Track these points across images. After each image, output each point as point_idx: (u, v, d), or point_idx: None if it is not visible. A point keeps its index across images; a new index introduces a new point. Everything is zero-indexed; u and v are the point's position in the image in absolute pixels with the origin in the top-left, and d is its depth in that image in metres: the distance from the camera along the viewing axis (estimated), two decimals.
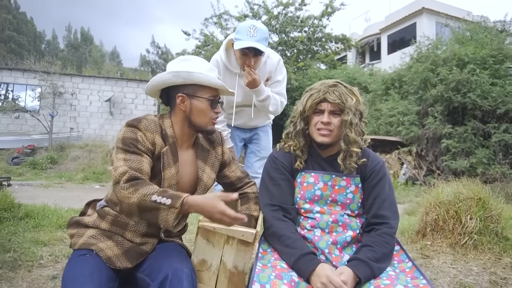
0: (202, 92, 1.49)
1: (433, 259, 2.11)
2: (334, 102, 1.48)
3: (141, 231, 1.48)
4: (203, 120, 1.50)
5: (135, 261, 1.41)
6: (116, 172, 1.30)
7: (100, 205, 1.51)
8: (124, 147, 1.36)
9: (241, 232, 1.38)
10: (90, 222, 1.48)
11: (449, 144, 8.37)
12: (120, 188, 1.27)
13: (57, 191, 8.05)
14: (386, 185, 1.55)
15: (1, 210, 2.61)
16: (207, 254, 1.41)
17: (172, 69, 1.48)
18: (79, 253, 1.37)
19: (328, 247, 1.49)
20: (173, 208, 1.23)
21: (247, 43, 2.07)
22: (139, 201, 1.25)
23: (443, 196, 2.43)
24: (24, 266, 1.86)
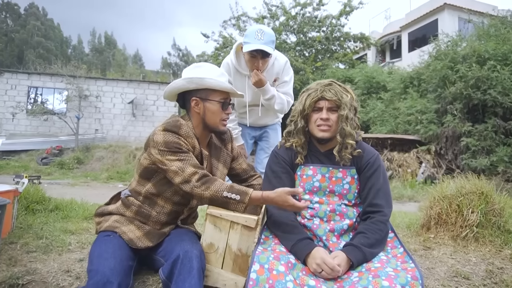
0: (213, 96, 1.68)
1: (434, 250, 2.19)
2: (332, 99, 1.62)
3: (162, 221, 1.68)
4: (215, 121, 1.69)
5: (155, 241, 1.61)
6: (184, 173, 1.51)
7: (124, 194, 1.71)
8: (171, 150, 1.55)
9: (245, 218, 1.54)
10: (114, 210, 1.68)
11: (469, 142, 8.24)
12: (192, 186, 1.50)
13: (83, 189, 8.45)
14: (381, 176, 1.68)
15: (34, 203, 2.87)
16: (214, 238, 1.58)
17: (186, 76, 1.68)
18: (104, 234, 1.58)
19: (326, 234, 1.63)
20: (241, 203, 1.49)
21: (255, 46, 2.23)
22: (211, 197, 1.49)
23: (446, 190, 2.50)
24: (55, 250, 2.08)
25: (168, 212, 1.68)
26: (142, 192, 1.66)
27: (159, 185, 1.65)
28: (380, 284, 1.28)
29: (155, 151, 1.55)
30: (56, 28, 54.29)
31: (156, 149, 1.55)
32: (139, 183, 1.68)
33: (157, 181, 1.65)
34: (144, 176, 1.66)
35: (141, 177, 1.67)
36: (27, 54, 42.54)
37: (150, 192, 1.65)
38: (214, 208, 1.57)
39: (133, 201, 1.67)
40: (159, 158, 1.55)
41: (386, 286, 1.27)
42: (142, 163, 1.65)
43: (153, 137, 1.58)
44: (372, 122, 11.32)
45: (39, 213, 2.83)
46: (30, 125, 16.09)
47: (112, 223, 1.62)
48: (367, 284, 1.31)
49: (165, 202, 1.67)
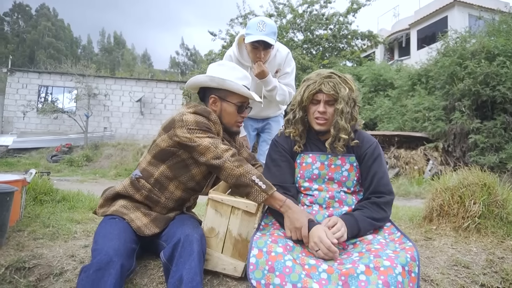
0: (232, 98, 1.73)
1: (435, 240, 2.19)
2: (329, 93, 1.63)
3: (169, 207, 1.71)
4: (230, 121, 1.75)
5: (162, 226, 1.65)
6: (217, 149, 1.53)
7: (135, 174, 1.70)
8: (202, 128, 1.57)
9: (245, 204, 1.57)
10: (121, 190, 1.68)
11: (477, 139, 8.14)
12: (225, 160, 1.52)
13: (92, 185, 8.57)
14: (382, 165, 1.70)
15: (42, 194, 2.94)
16: (215, 223, 1.61)
17: (210, 73, 1.73)
18: (109, 217, 1.62)
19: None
20: (264, 193, 1.50)
21: (256, 37, 2.26)
22: (241, 175, 1.51)
23: (449, 182, 2.49)
24: (61, 237, 2.13)
25: (176, 198, 1.71)
26: (155, 174, 1.66)
27: (175, 168, 1.66)
28: (381, 263, 1.30)
29: (183, 130, 1.56)
30: (66, 29, 55.05)
31: (184, 128, 1.56)
32: (152, 164, 1.67)
33: (173, 164, 1.65)
34: (159, 158, 1.66)
35: (155, 158, 1.67)
36: (38, 54, 43.24)
37: (165, 174, 1.66)
38: (216, 193, 1.60)
39: (144, 184, 1.67)
40: (188, 136, 1.55)
41: (388, 265, 1.29)
42: (159, 144, 1.64)
43: (181, 117, 1.59)
44: (379, 119, 11.25)
45: (47, 203, 2.89)
46: (40, 123, 16.36)
47: (119, 208, 1.64)
48: (368, 262, 1.33)
49: (176, 188, 1.69)
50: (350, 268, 1.33)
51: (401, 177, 8.84)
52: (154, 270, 1.66)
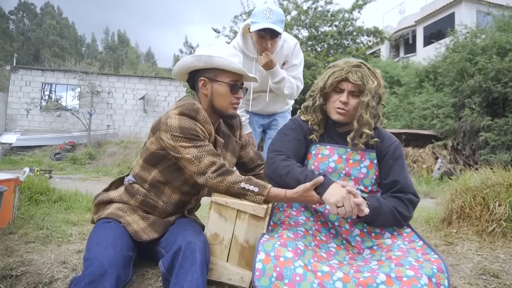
0: (222, 77, 1.53)
1: (457, 245, 2.02)
2: (355, 83, 1.49)
3: (168, 211, 1.56)
4: (224, 104, 1.54)
5: (161, 231, 1.50)
6: (201, 163, 1.38)
7: (128, 180, 1.57)
8: (186, 136, 1.40)
9: (253, 207, 1.41)
10: (116, 197, 1.54)
11: (488, 137, 7.93)
12: (207, 178, 1.38)
13: (94, 183, 8.45)
14: (404, 166, 1.55)
15: (38, 193, 2.81)
16: (219, 228, 1.45)
17: (197, 53, 1.54)
18: (104, 220, 1.47)
19: (338, 220, 1.50)
20: (260, 195, 1.37)
21: (263, 25, 2.09)
22: (227, 188, 1.38)
23: (470, 182, 2.32)
24: (55, 241, 1.99)
25: (175, 202, 1.57)
26: (148, 179, 1.53)
27: (167, 172, 1.52)
28: (404, 273, 1.15)
29: (167, 136, 1.41)
30: (70, 27, 55.21)
31: (169, 133, 1.40)
32: (144, 168, 1.54)
33: (165, 168, 1.51)
34: (149, 162, 1.53)
35: (146, 162, 1.54)
36: (43, 52, 43.37)
37: (157, 179, 1.52)
38: (220, 195, 1.44)
39: (139, 189, 1.53)
40: (172, 144, 1.41)
41: (411, 275, 1.14)
42: (149, 148, 1.51)
43: (166, 120, 1.42)
44: (386, 117, 11.04)
45: (42, 203, 2.76)
46: (44, 121, 16.30)
47: (114, 211, 1.50)
48: (389, 271, 1.17)
49: (173, 192, 1.55)
50: (369, 277, 1.18)
51: None
52: (152, 280, 1.51)
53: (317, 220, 1.54)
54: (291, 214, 1.56)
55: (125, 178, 1.60)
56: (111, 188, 1.66)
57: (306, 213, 1.57)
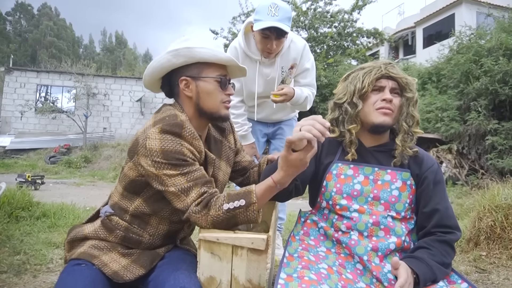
0: (208, 71, 1.25)
1: (491, 274, 1.78)
2: (398, 77, 1.28)
3: (156, 245, 1.29)
4: (213, 104, 1.26)
5: (148, 266, 1.22)
6: (188, 198, 1.11)
7: (105, 212, 1.28)
8: (171, 162, 1.12)
9: (250, 239, 1.14)
10: (91, 233, 1.26)
11: (495, 141, 7.70)
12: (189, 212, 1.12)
13: (88, 189, 8.19)
14: (445, 192, 1.32)
15: (19, 209, 2.54)
16: (214, 270, 1.19)
17: (170, 49, 1.24)
18: (74, 262, 1.18)
19: (367, 254, 1.24)
20: (251, 206, 1.10)
21: (268, 23, 1.83)
22: (213, 221, 1.11)
23: (500, 199, 2.08)
24: (31, 270, 1.74)
25: (164, 233, 1.29)
26: (129, 210, 1.25)
27: (152, 201, 1.24)
28: None
29: (147, 162, 1.13)
30: (68, 28, 54.98)
31: (149, 159, 1.12)
32: (125, 197, 1.26)
33: (149, 197, 1.23)
34: (131, 190, 1.25)
35: (127, 190, 1.25)
36: (40, 54, 43.09)
37: (141, 210, 1.24)
38: (208, 231, 1.18)
39: (118, 222, 1.25)
40: (154, 172, 1.12)
41: None
42: (128, 174, 1.23)
43: (145, 142, 1.14)
44: None
45: (24, 221, 2.50)
46: (38, 123, 16.01)
47: (87, 249, 1.21)
48: None
49: (160, 222, 1.27)
50: None
51: None
52: None
53: (339, 252, 1.29)
54: (309, 245, 1.31)
55: (101, 209, 1.31)
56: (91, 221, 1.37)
57: (327, 243, 1.32)
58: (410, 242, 1.30)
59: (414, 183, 1.30)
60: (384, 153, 1.34)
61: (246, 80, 2.09)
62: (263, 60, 2.05)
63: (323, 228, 1.34)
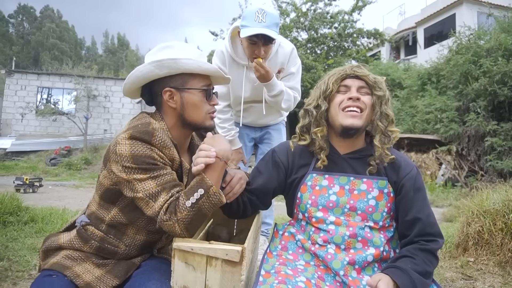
0: (193, 82, 1.23)
1: (477, 280, 1.75)
2: (364, 75, 1.26)
3: (133, 255, 1.28)
4: (199, 115, 1.25)
5: (123, 276, 1.20)
6: (156, 204, 1.10)
7: (81, 222, 1.26)
8: (141, 166, 1.11)
9: (225, 251, 1.13)
10: (65, 243, 1.24)
11: (494, 142, 7.66)
12: (160, 221, 1.10)
13: (87, 191, 8.19)
14: (426, 198, 1.28)
15: (6, 214, 2.54)
16: (188, 280, 1.17)
17: (153, 59, 1.22)
18: (45, 273, 1.17)
19: (344, 268, 1.21)
20: (210, 189, 1.11)
21: (255, 30, 1.82)
22: (184, 224, 1.09)
23: (488, 204, 2.05)
24: (12, 277, 1.73)
25: (141, 243, 1.27)
26: (106, 219, 1.23)
27: (128, 211, 1.22)
28: None
29: (118, 167, 1.12)
30: (70, 30, 55.22)
31: (119, 165, 1.11)
32: (101, 206, 1.25)
33: (125, 206, 1.22)
34: (107, 199, 1.23)
35: (103, 200, 1.24)
36: (43, 56, 43.30)
37: (117, 220, 1.23)
38: (182, 240, 1.16)
39: (93, 232, 1.23)
40: (124, 177, 1.11)
41: None
42: (103, 183, 1.21)
43: (115, 148, 1.13)
44: None
45: (11, 226, 2.49)
46: (39, 125, 16.08)
47: (60, 260, 1.19)
48: None
49: (137, 232, 1.26)
50: None
51: None
52: None
53: (319, 265, 1.26)
54: (287, 259, 1.28)
55: (77, 218, 1.29)
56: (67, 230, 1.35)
57: (305, 256, 1.29)
58: (390, 251, 1.28)
59: (392, 190, 1.28)
60: (360, 160, 1.31)
61: (233, 85, 2.07)
62: (250, 65, 2.03)
63: (301, 241, 1.31)
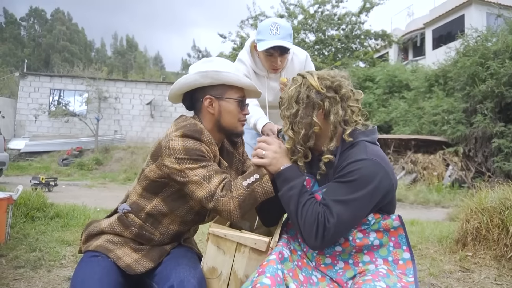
0: (230, 93, 1.42)
1: (474, 272, 1.88)
2: None
3: (165, 243, 1.45)
4: (233, 122, 1.43)
5: (157, 259, 1.38)
6: (210, 184, 1.26)
7: (122, 209, 1.42)
8: (192, 157, 1.28)
9: (254, 240, 1.28)
10: (107, 228, 1.41)
11: (501, 144, 7.69)
12: (217, 198, 1.25)
13: (100, 191, 8.42)
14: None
15: (34, 209, 2.72)
16: (217, 262, 1.33)
17: (199, 70, 1.41)
18: (91, 254, 1.35)
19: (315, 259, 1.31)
20: (264, 176, 1.25)
21: (271, 43, 1.95)
22: (239, 201, 1.24)
23: (486, 202, 2.17)
24: (46, 265, 1.90)
25: (173, 233, 1.44)
26: (146, 208, 1.39)
27: (170, 200, 1.39)
28: None
29: (171, 160, 1.28)
30: (80, 32, 55.94)
31: (172, 157, 1.27)
32: (143, 197, 1.41)
33: (167, 196, 1.39)
34: (150, 190, 1.39)
35: (146, 190, 1.40)
36: (53, 58, 43.99)
37: (158, 209, 1.39)
38: (218, 226, 1.32)
39: (134, 219, 1.40)
40: (177, 168, 1.28)
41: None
42: (149, 176, 1.37)
43: (168, 143, 1.29)
44: (395, 122, 10.85)
45: (39, 220, 2.68)
46: (52, 126, 16.41)
47: (103, 243, 1.37)
48: None
49: (172, 222, 1.42)
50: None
51: (418, 183, 8.44)
52: None
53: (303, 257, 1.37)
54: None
55: (120, 205, 1.45)
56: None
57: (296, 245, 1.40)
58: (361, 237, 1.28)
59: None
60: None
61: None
62: (270, 75, 2.19)
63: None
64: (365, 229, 1.26)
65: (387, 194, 1.19)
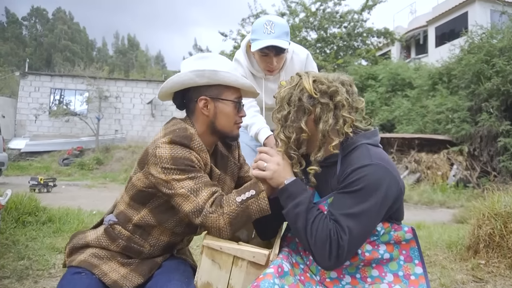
0: (227, 94, 1.30)
1: (488, 283, 1.76)
2: None
3: (155, 255, 1.33)
4: (228, 124, 1.32)
5: (147, 274, 1.26)
6: (198, 198, 1.15)
7: (108, 220, 1.31)
8: (179, 167, 1.17)
9: (252, 253, 1.17)
10: (93, 241, 1.29)
11: (507, 143, 7.56)
12: (205, 214, 1.14)
13: (99, 191, 8.33)
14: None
15: (25, 214, 2.62)
16: (212, 277, 1.22)
17: (193, 68, 1.28)
18: (74, 270, 1.23)
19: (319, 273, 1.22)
20: (261, 193, 1.15)
21: (265, 42, 1.80)
22: (230, 218, 1.13)
23: (499, 206, 2.05)
24: (33, 275, 1.80)
25: (164, 244, 1.32)
26: (134, 219, 1.28)
27: (158, 212, 1.27)
28: None
29: (157, 169, 1.17)
30: (82, 32, 55.93)
31: (158, 166, 1.16)
32: (131, 207, 1.29)
33: (155, 207, 1.27)
34: (138, 200, 1.28)
35: (133, 200, 1.29)
36: (55, 57, 44.01)
37: (146, 221, 1.28)
38: (213, 238, 1.21)
39: (121, 231, 1.28)
40: (163, 178, 1.17)
41: None
42: (136, 184, 1.26)
43: (154, 151, 1.18)
44: (398, 121, 10.72)
45: (30, 225, 2.58)
46: (52, 126, 16.37)
47: (88, 258, 1.25)
48: None
49: (162, 233, 1.30)
50: None
51: (422, 183, 8.32)
52: None
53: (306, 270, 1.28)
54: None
55: (105, 217, 1.34)
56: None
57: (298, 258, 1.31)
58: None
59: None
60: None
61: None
62: (267, 76, 2.05)
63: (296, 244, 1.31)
64: (374, 241, 1.16)
65: (396, 200, 1.10)
